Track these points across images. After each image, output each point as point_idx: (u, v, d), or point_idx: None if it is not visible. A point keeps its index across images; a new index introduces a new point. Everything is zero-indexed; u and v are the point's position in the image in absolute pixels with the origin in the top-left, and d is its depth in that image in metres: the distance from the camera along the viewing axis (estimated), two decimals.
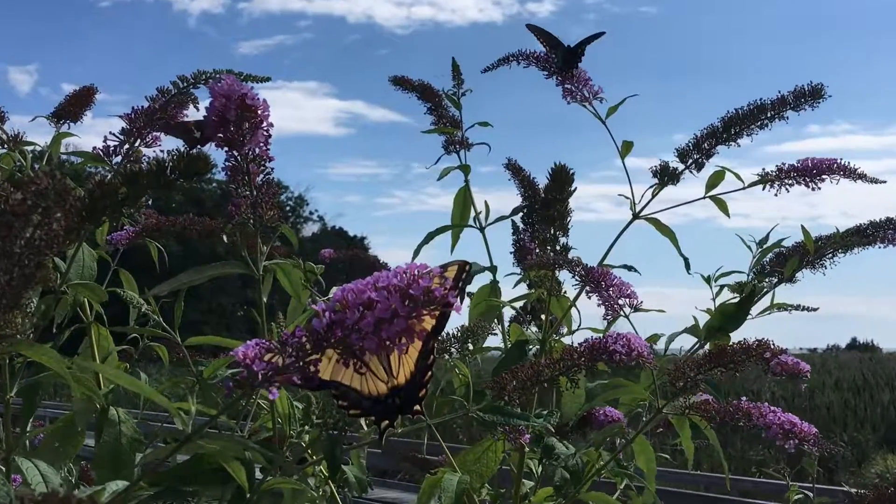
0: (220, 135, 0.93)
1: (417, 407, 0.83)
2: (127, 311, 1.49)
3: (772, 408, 1.16)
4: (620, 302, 1.25)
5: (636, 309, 1.26)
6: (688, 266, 1.39)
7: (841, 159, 1.38)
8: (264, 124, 0.94)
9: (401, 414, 0.83)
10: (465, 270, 0.77)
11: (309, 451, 1.10)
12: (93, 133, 1.40)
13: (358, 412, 0.81)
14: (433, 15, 71.88)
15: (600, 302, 1.27)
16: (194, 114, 1.24)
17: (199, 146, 1.01)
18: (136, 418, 1.31)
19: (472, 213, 1.62)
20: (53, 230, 0.65)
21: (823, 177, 1.38)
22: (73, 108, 1.36)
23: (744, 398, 1.18)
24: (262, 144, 0.95)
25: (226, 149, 0.95)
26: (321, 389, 0.82)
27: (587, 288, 1.28)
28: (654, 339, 1.32)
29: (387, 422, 0.82)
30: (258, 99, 0.93)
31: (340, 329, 0.69)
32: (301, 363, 0.71)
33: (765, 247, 1.52)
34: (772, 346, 1.04)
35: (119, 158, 1.20)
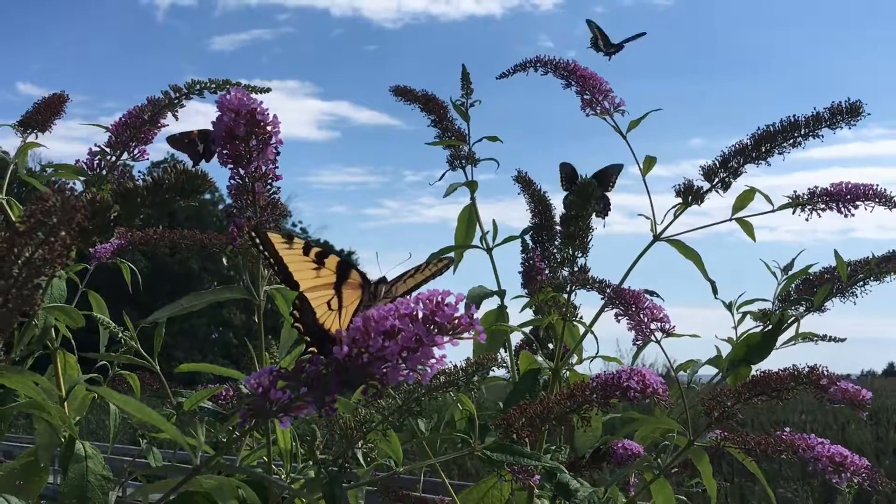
0: (227, 151, 0.98)
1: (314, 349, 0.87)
2: (91, 339, 1.53)
3: (819, 439, 1.20)
4: (652, 326, 1.29)
5: (669, 334, 1.30)
6: (715, 290, 1.44)
7: (877, 185, 1.44)
8: (273, 141, 0.99)
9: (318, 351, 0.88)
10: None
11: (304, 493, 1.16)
12: (47, 138, 1.44)
13: (302, 329, 0.86)
14: (426, 7, 72.23)
15: (630, 326, 1.32)
16: (172, 123, 1.31)
17: (203, 160, 1.07)
18: (105, 453, 1.35)
19: (478, 232, 1.68)
20: (56, 249, 0.68)
21: (857, 203, 1.44)
22: (41, 116, 1.40)
23: (787, 428, 1.22)
24: (269, 162, 1.00)
25: (230, 166, 1.00)
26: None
27: (616, 311, 1.33)
28: (687, 366, 1.37)
29: (314, 349, 0.86)
30: (268, 114, 0.98)
31: (361, 358, 0.76)
32: (319, 392, 0.78)
33: (791, 273, 1.57)
34: (827, 373, 1.09)
35: (105, 172, 1.27)
